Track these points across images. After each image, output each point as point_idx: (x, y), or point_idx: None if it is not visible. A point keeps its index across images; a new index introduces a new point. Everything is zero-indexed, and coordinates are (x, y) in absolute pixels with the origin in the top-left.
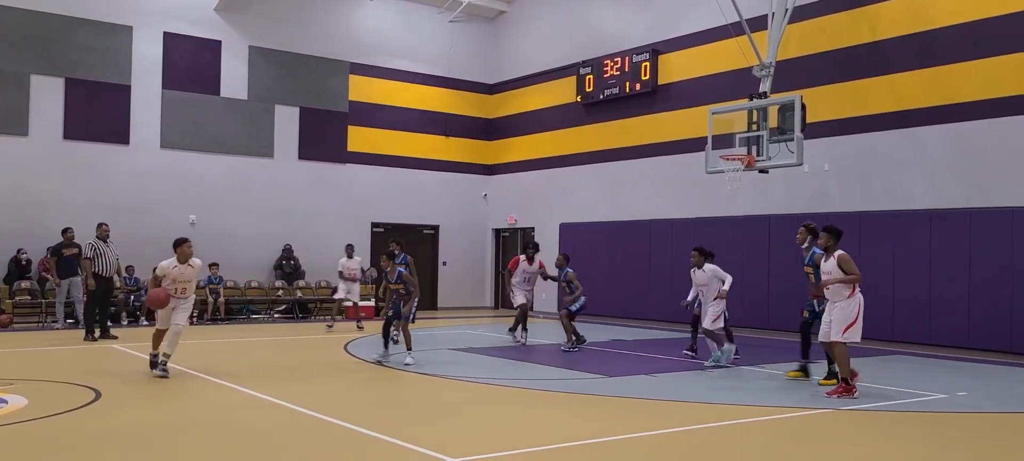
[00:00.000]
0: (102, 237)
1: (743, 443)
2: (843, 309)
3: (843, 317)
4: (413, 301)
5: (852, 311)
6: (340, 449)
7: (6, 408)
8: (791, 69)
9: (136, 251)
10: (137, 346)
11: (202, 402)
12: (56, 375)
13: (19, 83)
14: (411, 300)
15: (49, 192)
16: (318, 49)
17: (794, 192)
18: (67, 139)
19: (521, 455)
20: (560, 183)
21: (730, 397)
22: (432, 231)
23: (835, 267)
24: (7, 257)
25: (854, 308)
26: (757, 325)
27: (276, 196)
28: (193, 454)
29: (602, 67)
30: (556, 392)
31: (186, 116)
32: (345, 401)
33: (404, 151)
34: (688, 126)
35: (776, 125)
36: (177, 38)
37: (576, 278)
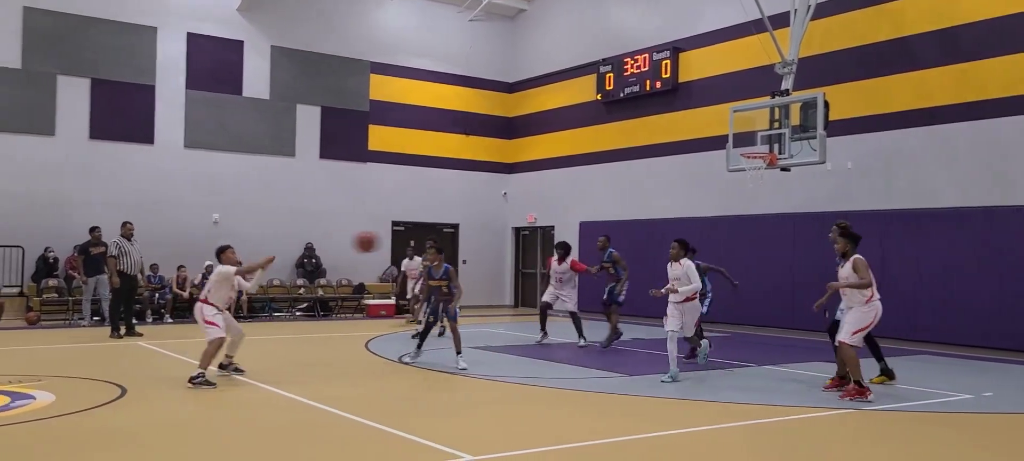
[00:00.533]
0: (127, 236)
1: (765, 443)
2: (858, 313)
3: (856, 320)
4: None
5: (867, 317)
6: (359, 445)
7: (34, 404)
8: (814, 66)
9: (160, 250)
10: (161, 343)
11: (225, 399)
12: (83, 372)
13: (46, 84)
14: (456, 299)
15: (75, 191)
16: (339, 48)
17: (816, 190)
18: (93, 139)
19: (539, 453)
20: (580, 182)
21: (752, 397)
22: (452, 230)
23: (850, 272)
24: (35, 256)
25: (871, 315)
26: (780, 325)
27: (297, 195)
28: (216, 449)
29: (622, 65)
30: (575, 391)
31: (209, 116)
32: (364, 398)
33: (424, 150)
34: (709, 124)
35: (798, 123)
36: (200, 38)
37: (621, 258)
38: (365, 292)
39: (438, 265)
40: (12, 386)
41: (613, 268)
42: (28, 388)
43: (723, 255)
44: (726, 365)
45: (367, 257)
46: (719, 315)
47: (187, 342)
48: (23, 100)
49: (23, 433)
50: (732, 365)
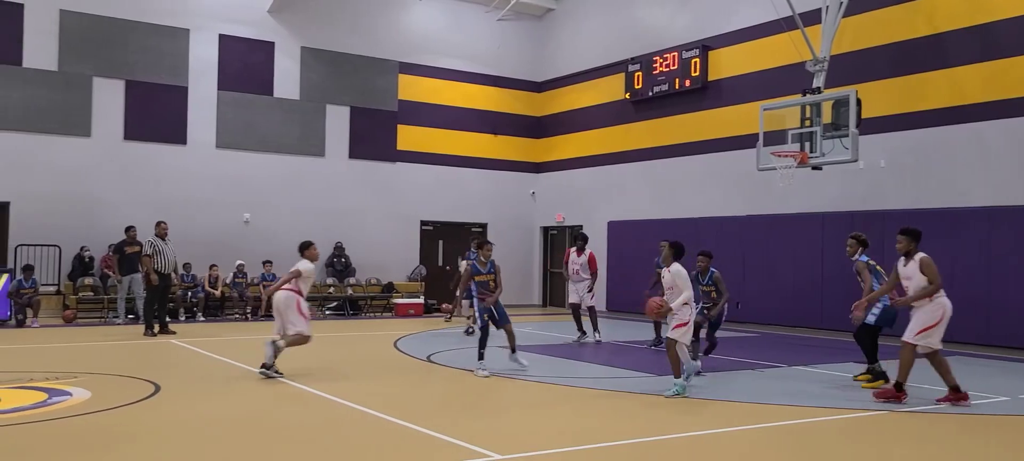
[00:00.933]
0: (161, 235)
1: (795, 444)
2: (925, 311)
3: (922, 320)
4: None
5: (935, 315)
6: (388, 443)
7: (71, 400)
8: (845, 63)
9: (192, 249)
10: (194, 341)
11: (256, 396)
12: (117, 369)
13: (82, 85)
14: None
15: (110, 191)
16: (368, 49)
17: (849, 189)
18: (127, 140)
19: (567, 453)
20: (608, 181)
21: (782, 398)
22: (480, 229)
23: (917, 271)
24: (71, 255)
25: (938, 312)
26: (809, 324)
27: (327, 195)
28: (247, 446)
29: (651, 64)
30: (603, 390)
31: (240, 116)
32: (393, 397)
33: (452, 149)
34: (739, 123)
35: (830, 121)
36: (232, 40)
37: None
38: (394, 291)
39: (486, 258)
40: (49, 383)
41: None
42: (65, 385)
43: (753, 254)
44: (755, 366)
45: (395, 256)
46: (749, 315)
47: (219, 341)
48: (60, 102)
49: (60, 429)
50: (761, 366)
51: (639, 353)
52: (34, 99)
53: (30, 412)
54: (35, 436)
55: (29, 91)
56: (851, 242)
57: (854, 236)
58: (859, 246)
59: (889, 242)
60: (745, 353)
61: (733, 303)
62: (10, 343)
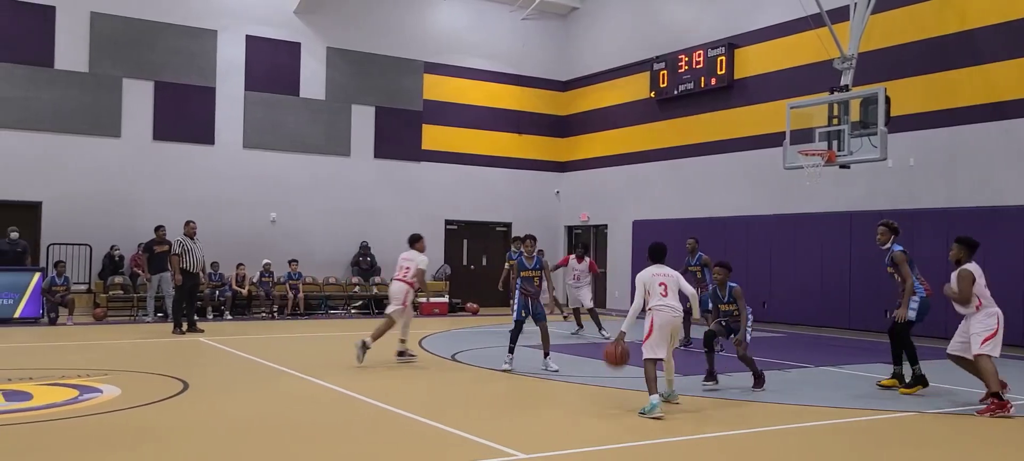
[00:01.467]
0: (190, 234)
1: (824, 446)
2: (981, 321)
3: (980, 329)
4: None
5: (991, 324)
6: (413, 441)
7: (101, 397)
8: (874, 61)
9: (219, 248)
10: (222, 340)
11: (282, 394)
12: (147, 366)
13: (112, 87)
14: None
15: (139, 191)
16: (393, 49)
17: (877, 188)
18: (156, 140)
19: (592, 453)
20: (633, 180)
21: (810, 399)
22: (504, 228)
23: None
24: (102, 254)
25: (993, 321)
26: (837, 324)
27: (352, 194)
28: (274, 442)
29: (676, 62)
30: (628, 390)
31: (267, 117)
32: (418, 395)
33: (477, 149)
34: (765, 121)
35: (858, 119)
36: (259, 41)
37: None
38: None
39: (530, 253)
40: (81, 380)
41: (701, 272)
42: (95, 382)
43: (780, 254)
44: (782, 366)
45: None
46: (775, 315)
47: (246, 339)
48: (90, 103)
49: (91, 425)
50: (788, 366)
51: None
52: (65, 100)
53: (62, 408)
54: (66, 432)
55: (60, 92)
56: (882, 230)
57: (885, 223)
58: (891, 234)
59: (919, 241)
60: (772, 353)
61: (759, 302)
62: (43, 341)
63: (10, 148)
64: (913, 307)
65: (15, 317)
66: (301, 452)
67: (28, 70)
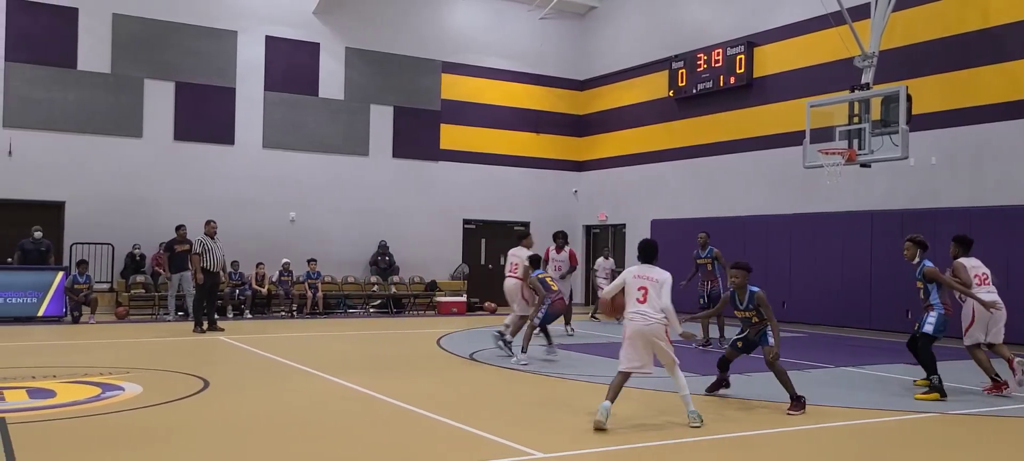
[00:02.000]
0: (210, 234)
1: (844, 446)
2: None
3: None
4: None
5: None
6: (430, 440)
7: (123, 395)
8: (895, 58)
9: (239, 247)
10: (241, 338)
11: (301, 392)
12: (168, 365)
13: (134, 88)
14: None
15: (160, 191)
16: (411, 49)
17: (898, 187)
18: (177, 140)
19: (611, 452)
20: (652, 179)
21: (830, 399)
22: (523, 228)
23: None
24: (124, 253)
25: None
26: (857, 325)
27: (371, 194)
28: (293, 440)
29: (695, 61)
30: (646, 390)
31: (286, 117)
32: (436, 394)
33: (495, 148)
34: (785, 120)
35: (879, 117)
36: (278, 41)
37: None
38: (437, 290)
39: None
40: (103, 377)
41: (712, 265)
42: (118, 380)
43: (800, 253)
44: (802, 366)
45: (438, 255)
46: (795, 315)
47: (265, 337)
48: (113, 103)
49: (114, 422)
50: (808, 366)
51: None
52: (88, 101)
53: (85, 406)
54: (90, 429)
55: (83, 93)
56: (909, 245)
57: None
58: (917, 248)
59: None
60: (792, 353)
61: (779, 302)
62: (66, 339)
63: (34, 148)
64: (931, 321)
65: (39, 315)
66: (319, 449)
67: (51, 71)
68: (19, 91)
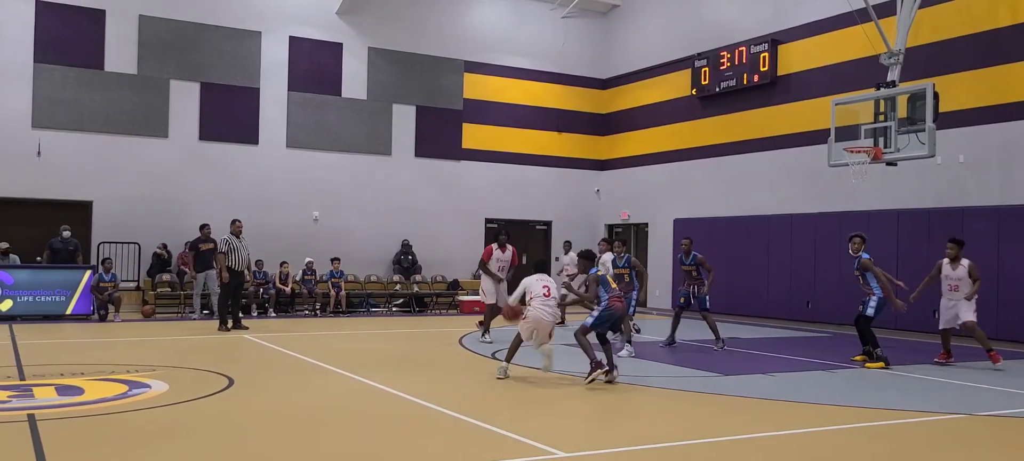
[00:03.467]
0: (236, 233)
1: (867, 447)
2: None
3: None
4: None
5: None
6: (452, 438)
7: (150, 392)
8: (922, 55)
9: (263, 246)
10: (266, 337)
11: (324, 391)
12: (193, 362)
13: (160, 88)
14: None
15: (186, 190)
16: (434, 49)
17: (925, 185)
18: (202, 140)
19: (633, 452)
20: (675, 178)
21: (855, 399)
22: (544, 227)
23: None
24: (150, 252)
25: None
26: (883, 325)
27: (394, 193)
28: (316, 438)
29: (718, 59)
30: (668, 389)
31: (310, 116)
32: (458, 393)
33: (517, 147)
34: (809, 118)
35: (905, 115)
36: (301, 42)
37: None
38: (459, 288)
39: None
40: (130, 375)
41: (697, 271)
42: (144, 377)
43: (824, 252)
44: (827, 366)
45: (460, 254)
46: (820, 315)
47: (289, 336)
48: (139, 104)
49: (140, 419)
50: (833, 366)
51: (708, 353)
52: (115, 102)
53: (112, 403)
54: (117, 426)
55: (110, 94)
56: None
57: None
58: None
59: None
60: (816, 353)
61: (803, 302)
62: (93, 337)
63: (63, 149)
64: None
65: (67, 314)
66: (341, 447)
67: (79, 73)
68: (48, 92)
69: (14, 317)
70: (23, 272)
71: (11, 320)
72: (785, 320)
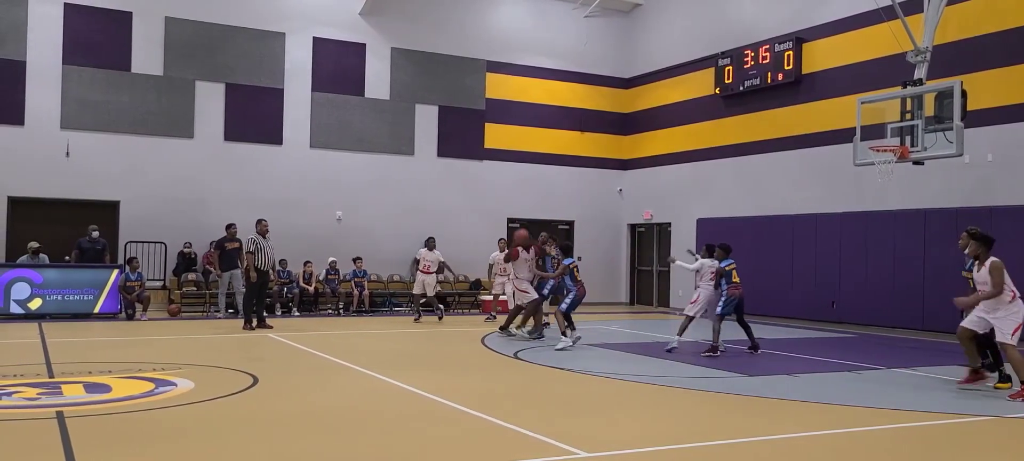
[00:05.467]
0: (262, 233)
1: (893, 449)
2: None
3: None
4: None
5: (1019, 315)
6: (474, 438)
7: (176, 390)
8: (950, 53)
9: (287, 246)
10: (290, 336)
11: (348, 389)
12: (218, 361)
13: (185, 89)
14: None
15: (211, 190)
16: (456, 48)
17: (953, 184)
18: (227, 141)
19: (656, 453)
20: (698, 177)
21: (881, 401)
22: (567, 227)
23: (987, 275)
24: (176, 251)
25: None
26: (911, 326)
27: (416, 193)
28: (340, 436)
29: (742, 57)
30: (692, 390)
31: (333, 117)
32: (481, 392)
33: (539, 147)
34: (834, 117)
35: (933, 113)
36: (325, 42)
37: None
38: (481, 288)
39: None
40: (156, 373)
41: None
42: (170, 375)
43: (850, 252)
44: (852, 367)
45: (483, 253)
46: (845, 315)
47: (313, 335)
48: (165, 105)
49: (167, 417)
50: (859, 367)
51: (729, 353)
52: (142, 103)
53: (139, 401)
54: (144, 423)
55: (137, 95)
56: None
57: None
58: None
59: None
60: (842, 354)
61: (828, 302)
62: (120, 335)
63: (91, 150)
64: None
65: (95, 312)
66: (365, 446)
67: (107, 74)
68: (76, 94)
69: (43, 315)
70: (52, 271)
71: (40, 318)
72: (810, 321)
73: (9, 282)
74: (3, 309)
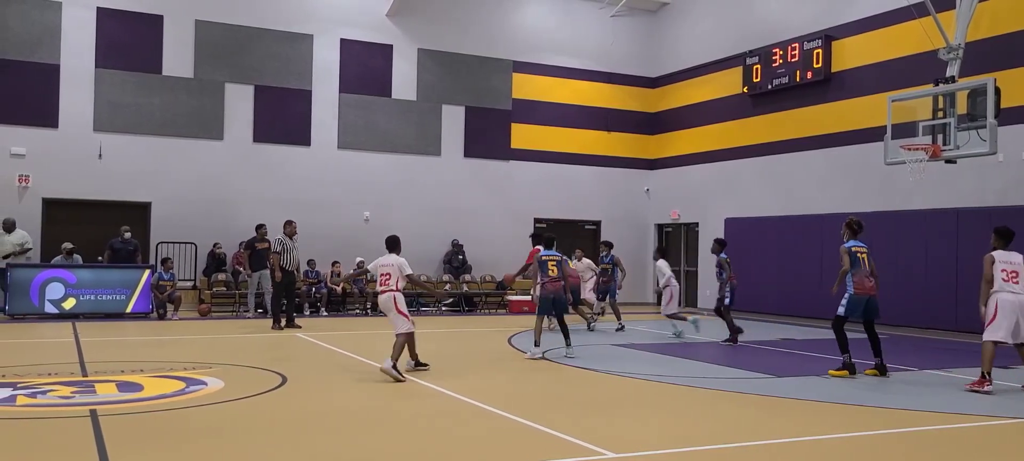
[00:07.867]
0: (290, 234)
1: (917, 452)
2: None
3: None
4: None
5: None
6: (502, 438)
7: (206, 389)
8: (983, 50)
9: (315, 246)
10: (318, 335)
11: (375, 389)
12: (248, 360)
13: (215, 91)
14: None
15: (240, 191)
16: (482, 49)
17: (986, 183)
18: (256, 142)
19: (683, 453)
20: (725, 177)
21: (912, 402)
22: (593, 226)
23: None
24: (206, 251)
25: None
26: (943, 327)
27: (443, 193)
28: (367, 436)
29: (771, 56)
30: (720, 390)
31: (360, 118)
32: (507, 392)
33: (566, 147)
34: (864, 115)
35: (965, 111)
36: (352, 44)
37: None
38: (508, 289)
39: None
40: (187, 372)
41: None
42: (200, 374)
43: (880, 252)
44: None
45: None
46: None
47: (341, 335)
48: (195, 107)
49: (197, 416)
50: (890, 369)
51: (757, 353)
52: (172, 105)
53: (170, 399)
54: (175, 421)
55: (168, 97)
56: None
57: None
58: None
59: None
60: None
61: None
62: (152, 334)
63: (122, 151)
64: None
65: (127, 312)
66: (391, 445)
67: (138, 77)
68: (108, 96)
69: (77, 315)
70: (85, 271)
71: (74, 318)
72: None
73: (44, 282)
74: (38, 309)
